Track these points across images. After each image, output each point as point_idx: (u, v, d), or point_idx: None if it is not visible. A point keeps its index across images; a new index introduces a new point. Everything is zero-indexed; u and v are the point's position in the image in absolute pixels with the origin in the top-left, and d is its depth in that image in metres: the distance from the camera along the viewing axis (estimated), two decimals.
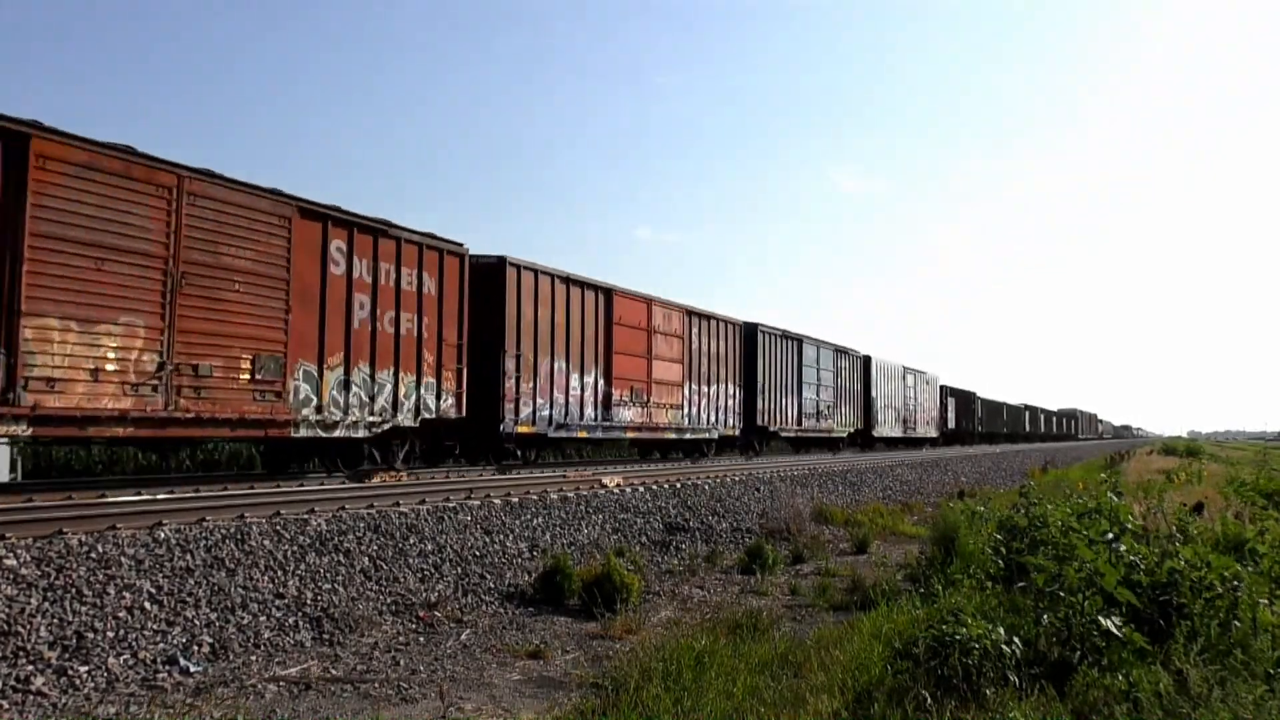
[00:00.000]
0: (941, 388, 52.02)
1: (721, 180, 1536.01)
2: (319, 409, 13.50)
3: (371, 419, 14.44)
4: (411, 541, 9.78)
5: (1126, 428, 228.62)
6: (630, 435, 21.69)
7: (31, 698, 5.67)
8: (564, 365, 18.90)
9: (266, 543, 8.55)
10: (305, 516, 9.57)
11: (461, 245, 16.27)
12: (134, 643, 6.55)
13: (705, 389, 24.98)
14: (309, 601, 7.95)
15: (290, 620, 7.59)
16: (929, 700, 5.36)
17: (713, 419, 25.34)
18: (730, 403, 26.56)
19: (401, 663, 7.00)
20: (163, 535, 8.03)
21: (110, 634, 6.53)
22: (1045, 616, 6.33)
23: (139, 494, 10.60)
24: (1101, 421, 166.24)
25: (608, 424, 20.34)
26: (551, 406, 18.46)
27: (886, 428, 41.45)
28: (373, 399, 14.43)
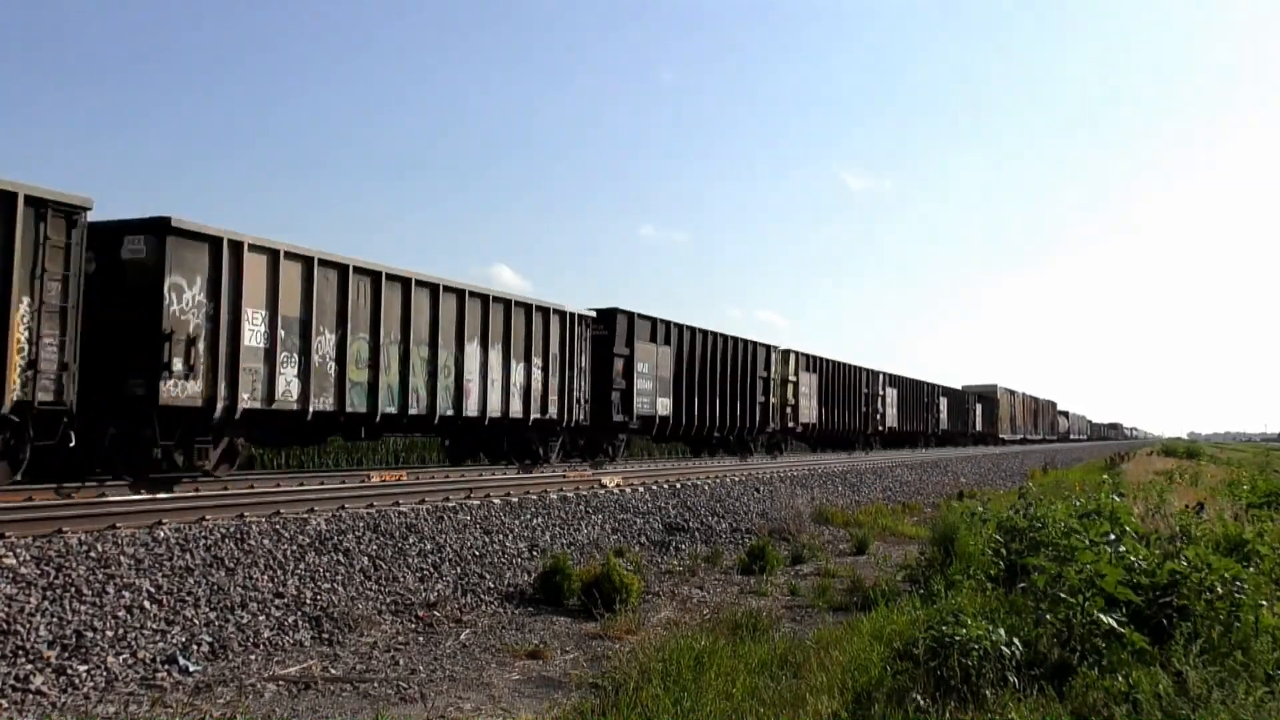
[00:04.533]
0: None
1: (727, 179, 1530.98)
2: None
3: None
4: (411, 541, 9.78)
5: (1115, 426, 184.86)
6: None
7: (31, 696, 5.67)
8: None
9: (266, 542, 8.55)
10: (305, 516, 9.58)
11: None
12: (133, 642, 6.54)
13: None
14: (308, 601, 7.95)
15: (289, 619, 7.59)
16: (928, 701, 5.36)
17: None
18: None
19: (401, 662, 7.00)
20: (162, 534, 8.03)
21: (109, 633, 6.53)
22: (1046, 617, 6.32)
23: (139, 493, 10.60)
24: (1069, 415, 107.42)
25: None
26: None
27: None
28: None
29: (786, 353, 31.39)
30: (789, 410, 31.37)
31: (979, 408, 59.80)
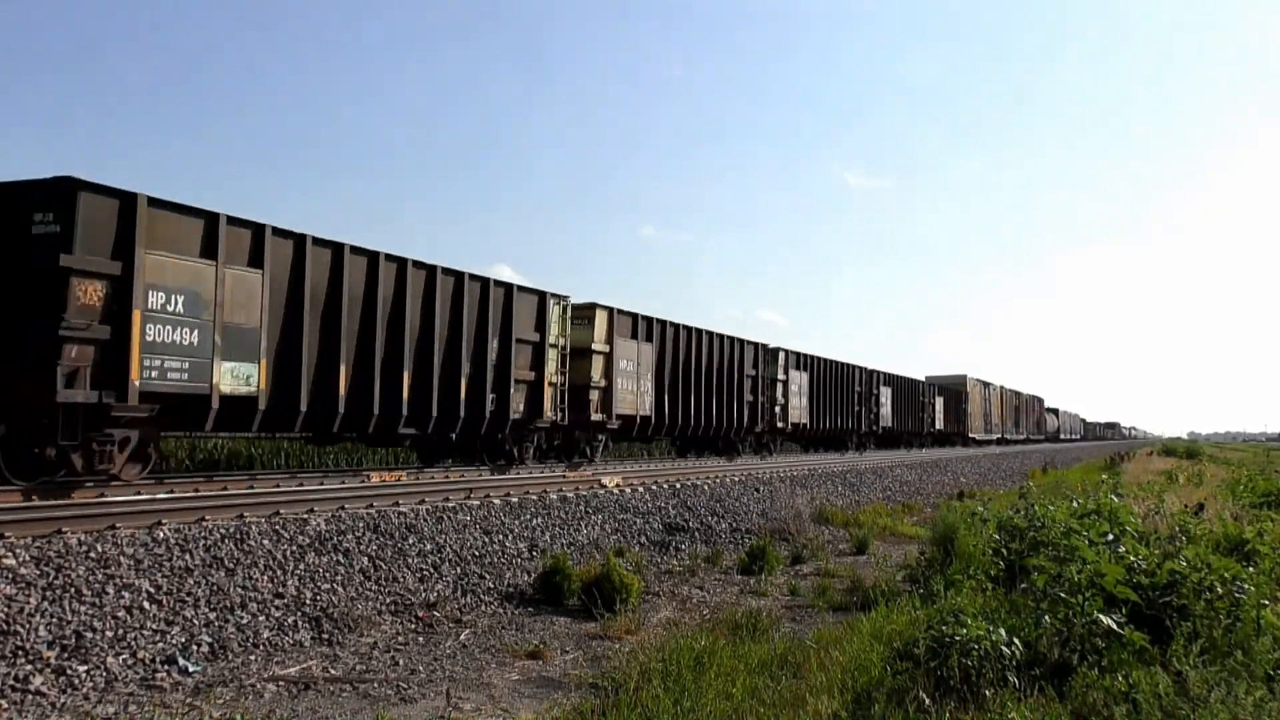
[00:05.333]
0: None
1: (727, 179, 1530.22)
2: None
3: None
4: (411, 541, 9.77)
5: (1112, 425, 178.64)
6: None
7: (30, 697, 5.66)
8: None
9: (266, 542, 8.54)
10: (305, 516, 9.57)
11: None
12: (133, 642, 6.54)
13: None
14: (308, 601, 7.95)
15: (289, 620, 7.58)
16: (928, 701, 5.36)
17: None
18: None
19: (401, 662, 7.00)
20: (162, 535, 8.03)
21: (109, 633, 6.53)
22: (1046, 617, 6.32)
23: (138, 493, 10.59)
24: (1059, 413, 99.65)
25: None
26: None
27: None
28: None
29: (596, 309, 19.48)
30: (596, 396, 19.36)
31: (939, 402, 48.55)
